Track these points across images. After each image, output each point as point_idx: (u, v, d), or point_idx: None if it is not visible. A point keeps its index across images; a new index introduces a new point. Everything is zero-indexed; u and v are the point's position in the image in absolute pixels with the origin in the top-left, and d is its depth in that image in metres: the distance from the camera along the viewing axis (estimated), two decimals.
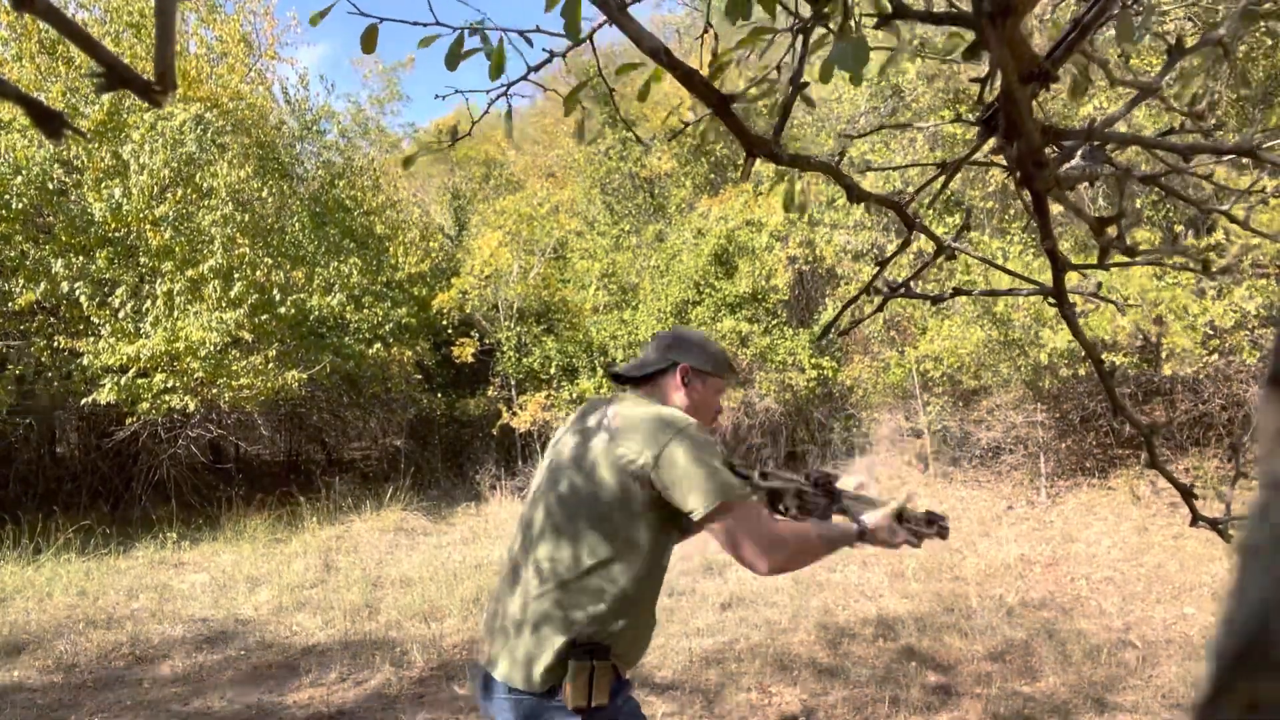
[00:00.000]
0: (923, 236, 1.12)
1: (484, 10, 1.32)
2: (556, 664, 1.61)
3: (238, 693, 4.31)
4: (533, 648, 1.63)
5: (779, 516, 1.91)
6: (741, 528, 1.61)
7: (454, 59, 1.21)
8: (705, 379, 1.86)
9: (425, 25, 1.22)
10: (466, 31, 1.20)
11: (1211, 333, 6.45)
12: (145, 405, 7.99)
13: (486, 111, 1.36)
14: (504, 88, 1.31)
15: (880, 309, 1.22)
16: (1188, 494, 1.09)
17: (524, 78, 1.31)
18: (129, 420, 8.46)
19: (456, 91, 1.39)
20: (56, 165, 8.02)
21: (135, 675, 4.58)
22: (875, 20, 0.76)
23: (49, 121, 0.38)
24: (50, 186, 7.99)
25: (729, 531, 1.62)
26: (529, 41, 1.27)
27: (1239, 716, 0.23)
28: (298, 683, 4.44)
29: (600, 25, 1.05)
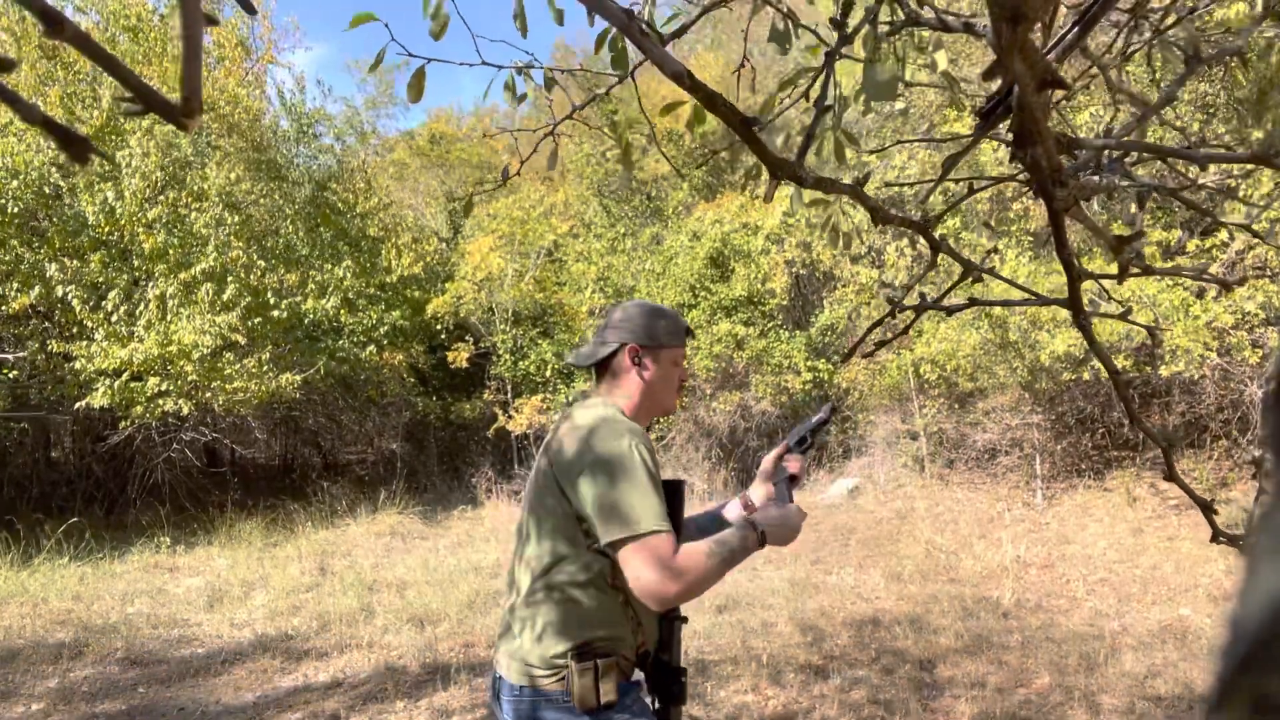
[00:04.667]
0: (922, 239, 1.12)
1: (524, 51, 1.33)
2: (557, 664, 1.61)
3: (233, 696, 4.30)
4: (529, 648, 1.64)
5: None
6: (636, 566, 1.54)
7: (515, 98, 1.23)
8: (656, 353, 1.77)
9: (471, 65, 1.23)
10: (514, 71, 1.22)
11: (1211, 335, 6.47)
12: (139, 409, 7.97)
13: (534, 151, 1.38)
14: (550, 126, 1.32)
15: (906, 331, 1.22)
16: (1207, 509, 1.09)
17: (569, 117, 1.32)
18: (123, 424, 8.43)
19: (504, 131, 1.41)
20: (52, 169, 8.00)
21: (130, 680, 4.56)
22: (887, 29, 0.77)
23: (75, 146, 0.38)
24: (46, 190, 7.97)
25: (625, 564, 1.56)
26: (573, 74, 1.29)
27: (1246, 717, 0.24)
28: (293, 686, 4.42)
29: (641, 63, 1.07)
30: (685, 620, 1.83)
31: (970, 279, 1.04)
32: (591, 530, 1.63)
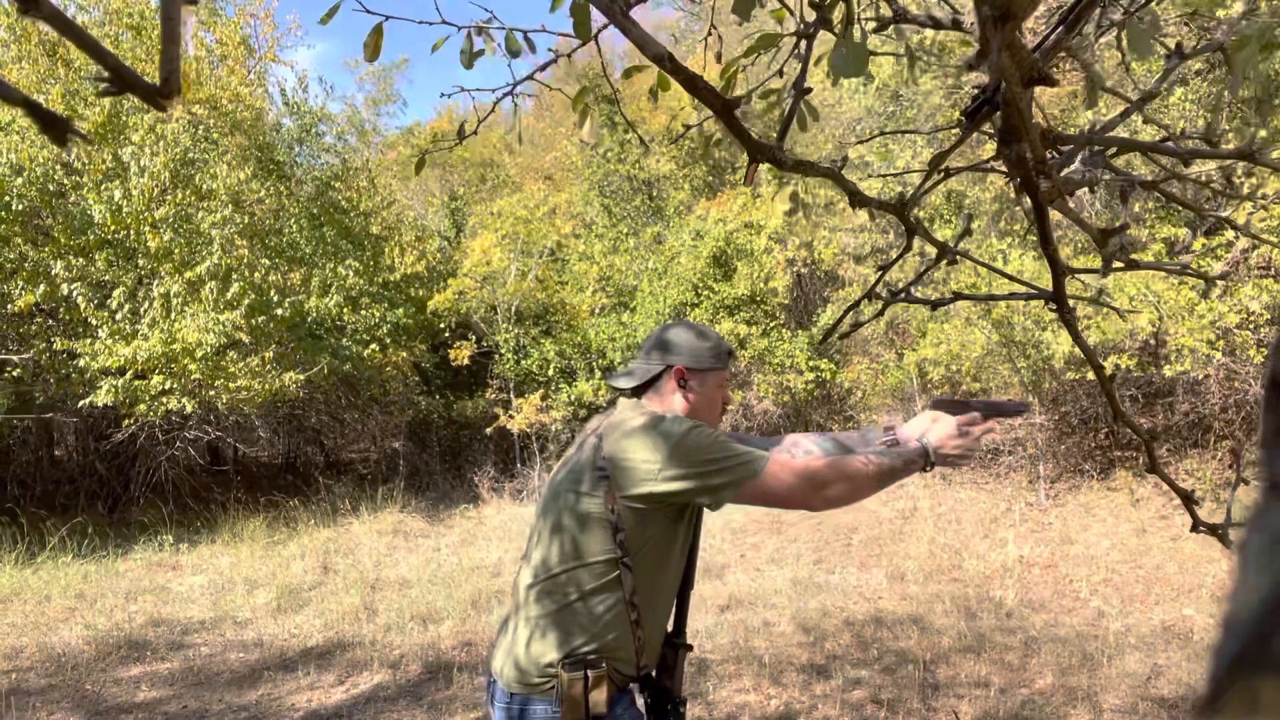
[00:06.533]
0: (923, 241, 1.12)
1: (482, 8, 1.31)
2: (549, 672, 1.60)
3: (235, 695, 4.31)
4: (524, 655, 1.63)
5: (812, 450, 1.84)
6: (770, 491, 1.57)
7: (469, 57, 1.21)
8: (703, 376, 1.77)
9: (430, 24, 1.22)
10: (473, 30, 1.20)
11: (1216, 335, 6.46)
12: (143, 407, 7.98)
13: (493, 110, 1.36)
14: (509, 87, 1.31)
15: (881, 314, 1.22)
16: (1188, 500, 1.09)
17: (529, 77, 1.31)
18: (127, 422, 8.45)
19: (463, 90, 1.39)
20: (57, 167, 8.01)
21: (134, 678, 4.58)
22: (874, 25, 0.77)
23: (54, 127, 0.38)
24: (50, 188, 7.99)
25: (761, 498, 1.59)
26: (532, 45, 1.27)
27: (1239, 716, 0.23)
28: (295, 685, 4.43)
29: (605, 26, 1.05)
30: (690, 649, 1.82)
31: (946, 262, 1.04)
32: (652, 521, 1.62)
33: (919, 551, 6.93)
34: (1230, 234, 6.46)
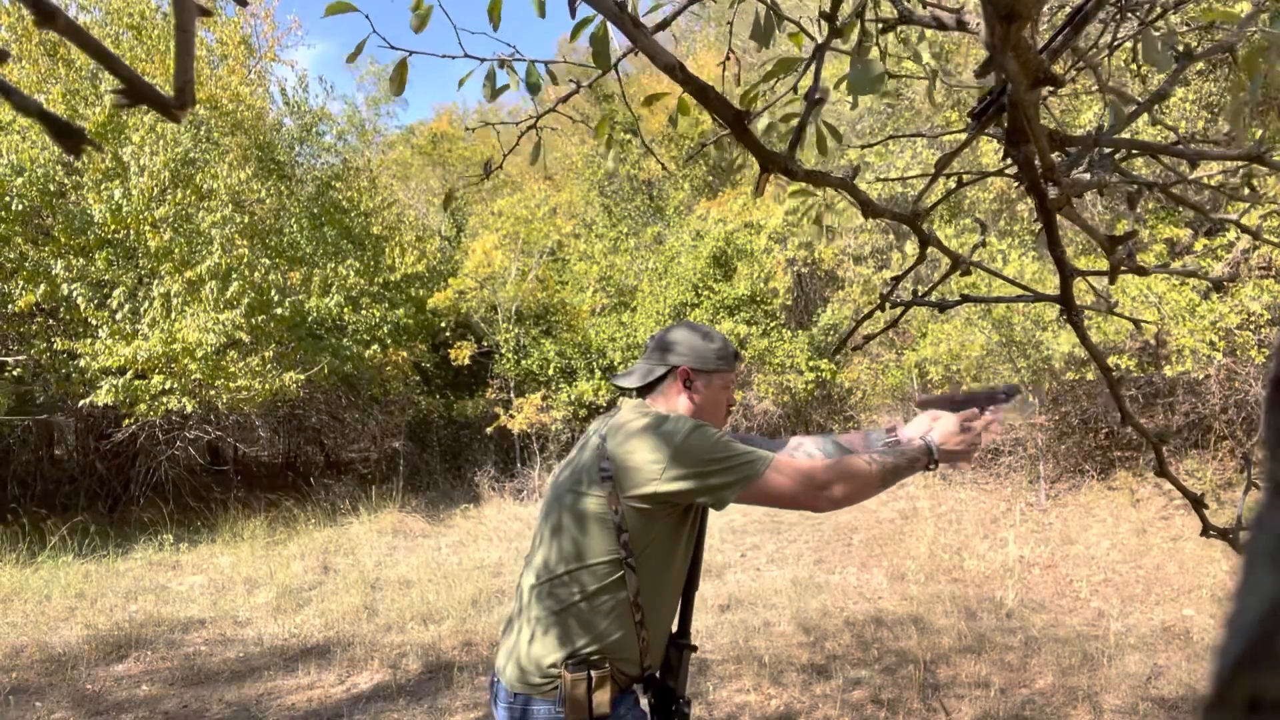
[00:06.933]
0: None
1: (505, 43, 1.32)
2: (551, 673, 1.60)
3: (235, 694, 4.31)
4: (527, 655, 1.63)
5: (814, 453, 1.86)
6: (773, 491, 1.58)
7: (493, 92, 1.23)
8: (709, 377, 1.78)
9: (454, 58, 1.23)
10: (496, 64, 1.22)
11: (1217, 335, 6.45)
12: (143, 407, 7.98)
13: (516, 144, 1.38)
14: (533, 120, 1.32)
15: (895, 324, 1.22)
16: (1198, 503, 1.09)
17: (553, 109, 1.32)
18: (127, 422, 8.45)
19: (487, 124, 1.41)
20: (57, 167, 8.01)
21: (134, 676, 4.58)
22: (881, 27, 0.77)
23: (69, 137, 0.38)
24: (51, 188, 7.99)
25: (764, 498, 1.60)
26: (554, 78, 1.28)
27: (1242, 715, 0.24)
28: (295, 684, 4.43)
29: (626, 54, 1.06)
30: (695, 649, 1.82)
31: (959, 271, 1.05)
32: (656, 522, 1.62)
33: (919, 551, 6.93)
34: (1232, 234, 6.45)
